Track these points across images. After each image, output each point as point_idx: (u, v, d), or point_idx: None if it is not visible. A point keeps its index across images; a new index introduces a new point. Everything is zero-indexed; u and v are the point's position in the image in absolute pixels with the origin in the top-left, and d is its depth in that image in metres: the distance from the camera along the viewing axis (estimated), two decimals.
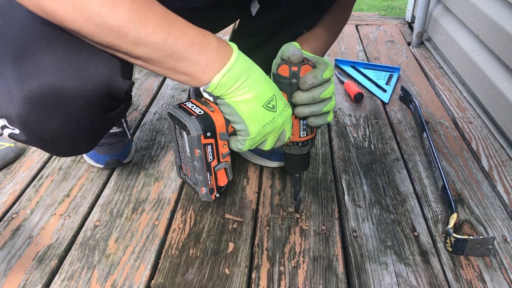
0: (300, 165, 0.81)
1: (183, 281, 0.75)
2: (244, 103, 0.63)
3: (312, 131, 0.76)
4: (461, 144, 1.13)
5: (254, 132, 0.65)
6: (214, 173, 0.69)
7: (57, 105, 0.63)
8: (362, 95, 1.31)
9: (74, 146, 0.72)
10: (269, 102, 0.65)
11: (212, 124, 0.65)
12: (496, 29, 1.21)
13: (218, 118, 0.65)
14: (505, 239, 0.84)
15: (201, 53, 0.60)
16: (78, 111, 0.65)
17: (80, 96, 0.63)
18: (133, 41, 0.56)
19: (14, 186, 0.96)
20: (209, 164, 0.67)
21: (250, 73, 0.63)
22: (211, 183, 0.69)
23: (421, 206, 0.92)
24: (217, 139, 0.66)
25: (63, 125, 0.65)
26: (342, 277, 0.76)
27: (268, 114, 0.65)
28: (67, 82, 0.62)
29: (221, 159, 0.69)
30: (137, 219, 0.88)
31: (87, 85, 0.63)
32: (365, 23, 1.98)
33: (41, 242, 0.82)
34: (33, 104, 0.63)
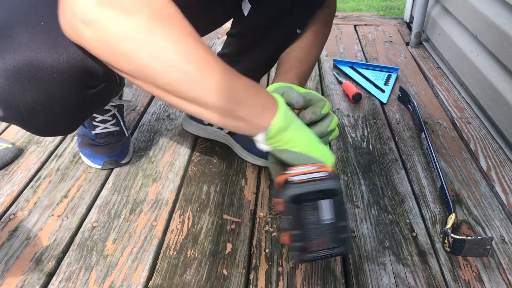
0: None
1: (181, 282, 0.75)
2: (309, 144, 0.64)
3: None
4: (459, 144, 1.13)
5: (333, 164, 0.65)
6: None
7: (31, 77, 0.64)
8: (360, 95, 1.31)
9: (52, 123, 0.72)
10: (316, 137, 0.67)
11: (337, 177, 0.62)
12: (494, 29, 1.21)
13: (333, 169, 0.63)
14: (503, 240, 0.84)
15: (256, 95, 0.61)
16: (52, 83, 0.65)
17: (54, 68, 0.64)
18: (203, 89, 0.57)
19: (11, 187, 0.96)
20: None
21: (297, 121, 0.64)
22: None
23: (419, 207, 0.92)
24: None
25: (38, 97, 0.66)
26: (340, 278, 0.76)
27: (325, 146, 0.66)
28: (41, 55, 0.63)
29: None
30: (135, 220, 0.87)
31: (61, 57, 0.64)
32: (364, 23, 1.98)
33: (39, 243, 0.82)
34: (8, 77, 0.64)
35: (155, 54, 0.54)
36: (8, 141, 1.08)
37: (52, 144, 1.10)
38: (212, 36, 1.80)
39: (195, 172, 1.01)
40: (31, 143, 1.11)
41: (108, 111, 1.02)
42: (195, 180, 0.99)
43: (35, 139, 1.12)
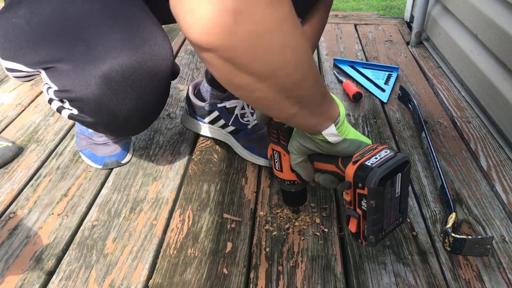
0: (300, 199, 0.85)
1: (181, 281, 0.75)
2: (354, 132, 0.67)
3: None
4: (459, 143, 1.13)
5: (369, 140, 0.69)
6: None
7: (134, 85, 0.64)
8: (360, 94, 1.31)
9: (141, 124, 0.74)
10: None
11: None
12: (494, 28, 1.21)
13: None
14: (504, 239, 0.84)
15: (328, 93, 0.62)
16: (151, 90, 0.66)
17: (154, 75, 0.64)
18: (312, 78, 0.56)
19: (12, 185, 0.96)
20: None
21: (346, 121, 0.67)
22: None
23: (420, 206, 0.92)
24: None
25: (137, 104, 0.66)
26: (341, 277, 0.76)
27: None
28: (142, 62, 0.63)
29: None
30: (135, 219, 0.87)
31: (160, 66, 0.64)
32: (364, 22, 1.98)
33: (39, 241, 0.82)
34: (112, 84, 0.63)
35: (295, 50, 0.50)
36: (8, 139, 1.08)
37: (52, 143, 1.10)
38: None
39: (195, 171, 1.01)
40: (31, 141, 1.11)
41: None
42: (195, 179, 0.99)
43: (35, 137, 1.12)
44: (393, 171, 0.62)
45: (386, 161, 0.62)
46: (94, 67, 0.63)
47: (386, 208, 0.64)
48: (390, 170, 0.61)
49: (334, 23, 1.96)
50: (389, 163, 0.62)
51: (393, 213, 0.66)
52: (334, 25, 1.93)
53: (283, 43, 0.47)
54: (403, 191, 0.65)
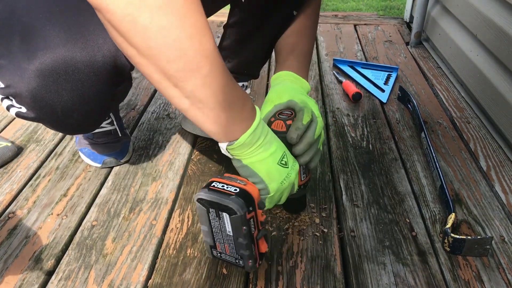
0: (299, 206, 0.88)
1: (180, 281, 0.75)
2: (262, 162, 0.65)
3: (307, 174, 0.80)
4: (459, 144, 1.13)
5: (273, 189, 0.68)
6: (256, 242, 0.70)
7: (68, 76, 0.64)
8: (360, 95, 1.31)
9: (84, 122, 0.73)
10: (282, 159, 0.68)
11: (251, 198, 0.66)
12: (494, 29, 1.21)
13: (253, 189, 0.67)
14: (503, 239, 0.84)
15: (241, 110, 0.61)
16: (88, 82, 0.66)
17: (90, 67, 0.64)
18: (202, 78, 0.54)
19: (11, 185, 0.96)
20: (253, 236, 0.68)
21: (266, 133, 0.66)
22: (255, 254, 0.70)
23: (419, 206, 0.92)
24: (256, 210, 0.67)
25: (74, 97, 0.66)
26: (340, 277, 0.76)
27: (283, 170, 0.68)
28: (77, 53, 0.63)
29: (260, 227, 0.70)
30: (135, 219, 0.87)
31: (96, 56, 0.64)
32: (364, 23, 1.98)
33: (38, 242, 0.82)
34: (45, 77, 0.63)
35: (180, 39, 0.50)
36: (7, 139, 1.08)
37: (51, 143, 1.10)
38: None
39: (194, 171, 1.01)
40: (31, 141, 1.11)
41: None
42: (194, 179, 0.99)
43: (34, 137, 1.12)
44: (217, 205, 0.65)
45: (221, 193, 0.65)
46: (28, 60, 0.64)
47: (216, 233, 0.69)
48: (214, 201, 0.65)
49: (334, 23, 1.96)
50: (218, 196, 0.64)
51: (228, 248, 0.70)
52: (334, 25, 1.93)
53: (163, 26, 0.49)
54: (236, 235, 0.66)
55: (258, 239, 0.69)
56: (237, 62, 1.02)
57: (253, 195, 0.66)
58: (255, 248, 0.69)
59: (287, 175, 0.68)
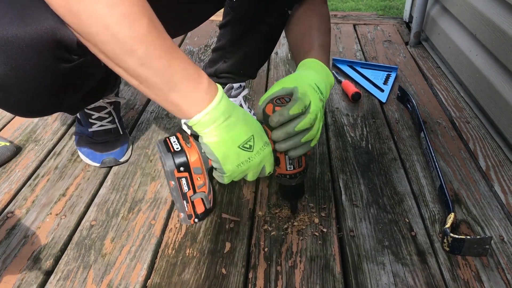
0: (292, 195, 0.86)
1: (179, 281, 0.75)
2: (219, 143, 0.67)
3: (300, 164, 0.79)
4: (458, 144, 1.13)
5: (228, 170, 0.70)
6: (191, 201, 0.76)
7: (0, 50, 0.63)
8: (359, 94, 1.31)
9: (28, 100, 0.71)
10: (246, 143, 0.69)
11: (185, 161, 0.72)
12: (493, 28, 1.21)
13: (192, 154, 0.72)
14: (502, 239, 0.84)
15: (193, 90, 0.64)
16: (22, 55, 0.64)
17: (21, 39, 0.63)
18: (139, 59, 0.58)
19: (9, 185, 0.96)
20: (184, 194, 0.76)
21: (230, 115, 0.67)
22: (189, 210, 0.78)
23: (419, 206, 0.92)
24: (191, 173, 0.73)
25: (8, 70, 0.64)
26: (339, 277, 0.76)
27: (244, 154, 0.69)
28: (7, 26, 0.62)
29: (197, 189, 0.76)
30: (134, 219, 0.87)
31: (29, 28, 0.63)
32: (363, 22, 1.98)
33: (37, 241, 0.82)
34: None
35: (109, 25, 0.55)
36: (6, 139, 1.07)
37: (50, 142, 1.10)
38: (212, 35, 1.80)
39: None
40: (29, 141, 1.10)
41: (104, 108, 1.02)
42: None
43: (33, 137, 1.12)
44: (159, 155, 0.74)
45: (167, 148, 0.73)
46: None
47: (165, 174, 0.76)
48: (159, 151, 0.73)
49: (333, 23, 1.96)
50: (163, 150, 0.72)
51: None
52: (333, 25, 1.93)
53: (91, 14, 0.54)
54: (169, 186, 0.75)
55: (193, 199, 0.76)
56: (233, 62, 1.01)
57: (189, 159, 0.71)
58: (189, 205, 0.78)
59: (248, 159, 0.70)
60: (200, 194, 0.77)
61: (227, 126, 0.67)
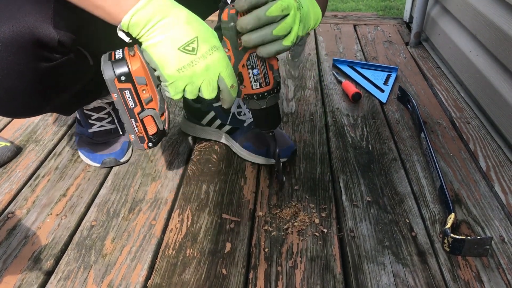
0: (264, 122, 0.76)
1: (180, 281, 0.75)
2: (156, 46, 0.61)
3: (267, 82, 0.71)
4: (458, 144, 1.13)
5: (169, 76, 0.63)
6: (140, 120, 0.68)
7: None
8: (360, 95, 1.31)
9: (8, 99, 0.69)
10: (188, 45, 0.62)
11: (126, 69, 0.64)
12: (494, 29, 1.21)
13: (134, 62, 0.64)
14: (503, 240, 0.84)
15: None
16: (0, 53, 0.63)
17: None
18: None
19: (10, 185, 0.96)
20: (131, 110, 0.67)
21: (167, 15, 0.61)
22: (139, 131, 0.68)
23: (419, 206, 0.92)
24: (135, 83, 0.65)
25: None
26: (340, 278, 0.76)
27: (185, 57, 0.62)
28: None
29: (145, 105, 0.67)
30: (134, 219, 0.87)
31: (4, 27, 0.62)
32: (363, 23, 1.98)
33: (37, 242, 0.82)
34: None
35: None
36: (6, 139, 1.08)
37: (51, 143, 1.10)
38: None
39: (194, 171, 1.01)
40: (30, 141, 1.10)
41: (103, 109, 1.02)
42: (194, 179, 0.99)
43: (33, 137, 1.12)
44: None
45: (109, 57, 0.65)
46: None
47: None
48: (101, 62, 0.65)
49: (334, 24, 1.96)
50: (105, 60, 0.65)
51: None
52: (333, 26, 1.93)
53: None
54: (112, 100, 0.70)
55: (142, 117, 0.67)
56: None
57: (130, 66, 0.64)
58: (138, 125, 0.68)
59: (190, 62, 0.62)
60: (149, 111, 0.68)
61: (163, 26, 0.61)
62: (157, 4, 0.60)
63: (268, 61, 0.71)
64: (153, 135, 0.70)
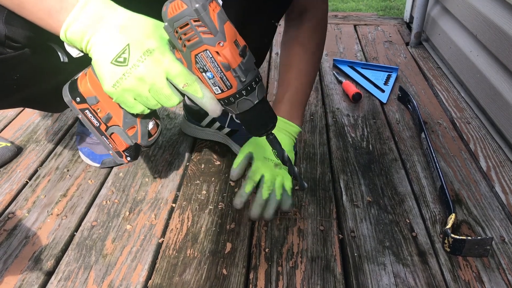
0: (248, 128, 0.65)
1: (180, 282, 0.75)
2: (94, 63, 0.57)
3: (227, 85, 0.58)
4: (459, 144, 1.13)
5: (108, 93, 0.58)
6: (109, 136, 0.66)
7: None
8: (360, 95, 1.31)
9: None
10: (119, 56, 0.56)
11: (76, 90, 0.62)
12: (494, 29, 1.21)
13: (82, 82, 0.62)
14: (503, 240, 0.84)
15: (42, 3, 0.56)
16: None
17: None
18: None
19: (10, 185, 0.96)
20: (98, 128, 0.65)
21: (99, 25, 0.56)
22: (113, 147, 0.66)
23: (419, 207, 0.92)
24: (87, 103, 0.63)
25: None
26: (340, 278, 0.76)
27: (117, 70, 0.56)
28: None
29: (108, 123, 0.64)
30: (135, 219, 0.87)
31: None
32: (364, 23, 1.98)
33: (38, 242, 0.82)
34: None
35: None
36: (7, 139, 1.08)
37: (51, 143, 1.10)
38: None
39: (194, 172, 1.01)
40: (30, 141, 1.10)
41: None
42: (194, 179, 0.99)
43: (34, 137, 1.12)
44: None
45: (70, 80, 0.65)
46: None
47: None
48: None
49: (334, 24, 1.96)
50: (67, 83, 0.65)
51: None
52: (334, 26, 1.93)
53: None
54: None
55: (109, 134, 0.65)
56: None
57: (79, 87, 0.62)
58: (110, 141, 0.66)
59: (123, 75, 0.56)
60: (112, 129, 0.64)
61: (97, 40, 0.56)
62: (91, 13, 0.56)
63: (219, 61, 0.57)
64: (126, 150, 0.67)
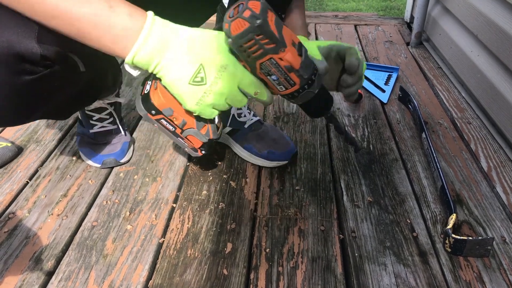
0: (310, 113, 0.74)
1: (181, 282, 0.75)
2: (169, 85, 0.62)
3: (291, 83, 0.65)
4: (460, 144, 1.12)
5: (192, 109, 0.64)
6: (184, 137, 0.71)
7: None
8: (361, 95, 1.31)
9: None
10: (196, 76, 0.61)
11: (151, 104, 0.67)
12: (495, 29, 1.21)
13: (156, 97, 0.66)
14: (504, 240, 0.84)
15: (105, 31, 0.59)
16: None
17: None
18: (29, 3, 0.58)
19: (11, 185, 0.96)
20: (174, 132, 0.71)
21: (166, 49, 0.60)
22: (189, 144, 0.73)
23: (420, 207, 0.91)
24: (164, 115, 0.68)
25: None
26: (341, 278, 0.76)
27: (197, 89, 0.62)
28: None
29: (184, 127, 0.70)
30: (135, 219, 0.87)
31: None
32: (364, 23, 1.98)
33: (38, 242, 0.82)
34: None
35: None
36: (7, 139, 1.08)
37: (52, 143, 1.10)
38: None
39: (195, 172, 1.01)
40: (31, 141, 1.10)
41: (104, 109, 1.02)
42: (195, 179, 0.99)
43: (34, 137, 1.12)
44: None
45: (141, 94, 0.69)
46: None
47: None
48: None
49: (334, 24, 1.96)
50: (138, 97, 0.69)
51: None
52: (334, 26, 1.93)
53: None
54: None
55: (185, 135, 0.71)
56: None
57: (153, 102, 0.67)
58: (185, 141, 0.72)
59: (204, 94, 0.62)
60: (188, 131, 0.71)
61: (167, 64, 0.60)
62: (156, 39, 0.59)
63: (283, 65, 0.63)
64: (201, 147, 0.74)
